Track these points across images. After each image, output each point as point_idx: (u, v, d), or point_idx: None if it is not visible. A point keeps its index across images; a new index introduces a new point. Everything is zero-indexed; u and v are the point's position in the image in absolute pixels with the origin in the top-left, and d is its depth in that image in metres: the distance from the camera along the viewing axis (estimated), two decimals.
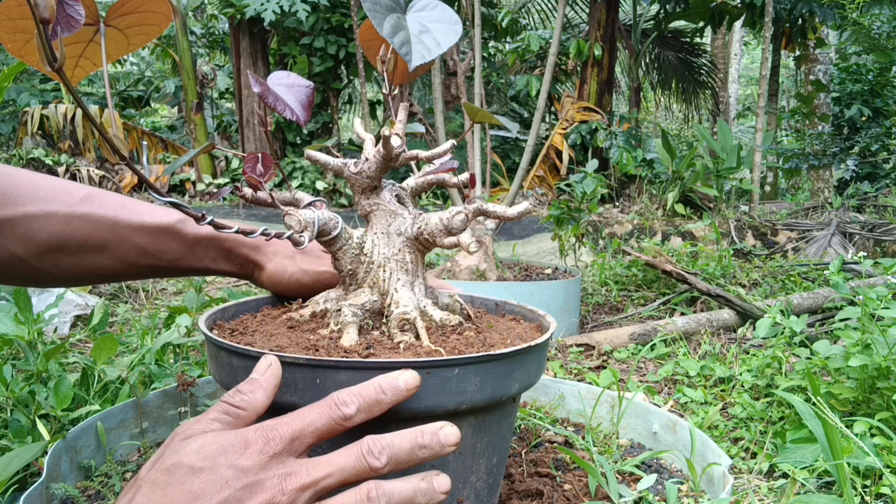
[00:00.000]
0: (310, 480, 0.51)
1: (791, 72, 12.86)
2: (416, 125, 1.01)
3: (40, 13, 0.46)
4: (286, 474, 0.51)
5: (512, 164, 9.72)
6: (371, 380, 0.56)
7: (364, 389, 0.56)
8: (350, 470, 0.53)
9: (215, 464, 0.50)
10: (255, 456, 0.51)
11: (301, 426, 0.53)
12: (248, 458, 0.51)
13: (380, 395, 0.56)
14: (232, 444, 0.51)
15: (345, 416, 0.54)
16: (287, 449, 0.52)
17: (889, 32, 6.77)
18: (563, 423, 1.14)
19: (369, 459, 0.53)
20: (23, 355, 1.24)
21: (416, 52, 0.72)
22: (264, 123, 0.63)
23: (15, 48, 0.76)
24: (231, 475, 0.50)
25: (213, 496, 0.49)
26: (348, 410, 0.54)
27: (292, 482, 0.51)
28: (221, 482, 0.49)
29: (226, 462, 0.50)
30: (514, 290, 1.97)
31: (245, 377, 0.63)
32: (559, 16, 2.82)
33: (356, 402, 0.55)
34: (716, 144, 5.29)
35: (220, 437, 0.52)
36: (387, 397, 0.56)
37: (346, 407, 0.54)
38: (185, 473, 0.49)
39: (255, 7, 8.34)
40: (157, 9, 0.79)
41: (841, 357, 1.30)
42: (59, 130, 9.11)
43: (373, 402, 0.55)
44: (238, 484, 0.49)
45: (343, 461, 0.53)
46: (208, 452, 0.50)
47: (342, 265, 0.73)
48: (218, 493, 0.49)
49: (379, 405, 0.56)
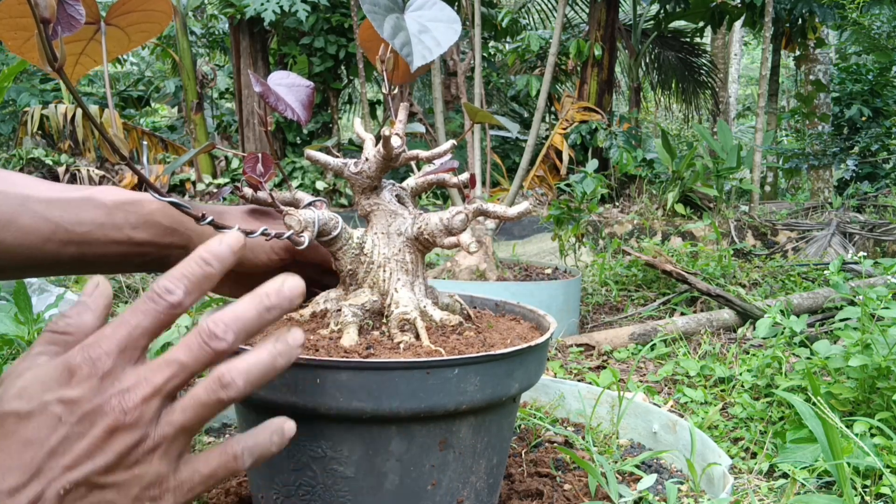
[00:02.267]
0: (151, 389, 0.47)
1: (791, 72, 12.85)
2: (416, 125, 1.01)
3: (41, 13, 0.46)
4: (123, 391, 0.46)
5: (512, 164, 9.71)
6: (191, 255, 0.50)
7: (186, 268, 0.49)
8: (193, 363, 0.48)
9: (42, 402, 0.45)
10: (83, 382, 0.46)
11: (126, 332, 0.48)
12: (75, 386, 0.46)
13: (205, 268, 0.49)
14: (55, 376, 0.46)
15: (172, 304, 0.48)
16: (119, 363, 0.47)
17: (889, 32, 6.77)
18: (563, 423, 1.14)
19: (213, 343, 0.48)
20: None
21: (417, 52, 0.72)
22: (264, 123, 0.63)
23: (15, 46, 0.76)
24: (62, 410, 0.45)
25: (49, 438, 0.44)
26: (174, 297, 0.48)
27: (132, 397, 0.46)
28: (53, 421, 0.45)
29: (53, 398, 0.45)
30: (514, 290, 1.97)
31: None
32: (559, 16, 2.82)
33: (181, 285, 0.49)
34: (716, 144, 5.29)
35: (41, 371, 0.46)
36: (214, 268, 0.50)
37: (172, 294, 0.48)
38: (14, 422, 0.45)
39: (255, 7, 8.33)
40: (158, 7, 0.79)
41: (841, 357, 1.30)
42: (59, 130, 9.11)
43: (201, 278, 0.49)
44: (73, 418, 0.45)
45: (182, 355, 0.48)
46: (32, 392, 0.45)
47: (342, 265, 0.73)
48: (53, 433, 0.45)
49: (209, 279, 0.50)
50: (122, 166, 8.16)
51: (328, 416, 0.60)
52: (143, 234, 0.74)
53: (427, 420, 0.62)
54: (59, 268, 0.75)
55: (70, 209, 0.72)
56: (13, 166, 8.61)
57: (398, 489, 0.64)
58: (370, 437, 0.62)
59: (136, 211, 0.73)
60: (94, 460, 0.45)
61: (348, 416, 0.60)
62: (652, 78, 10.95)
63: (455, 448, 0.65)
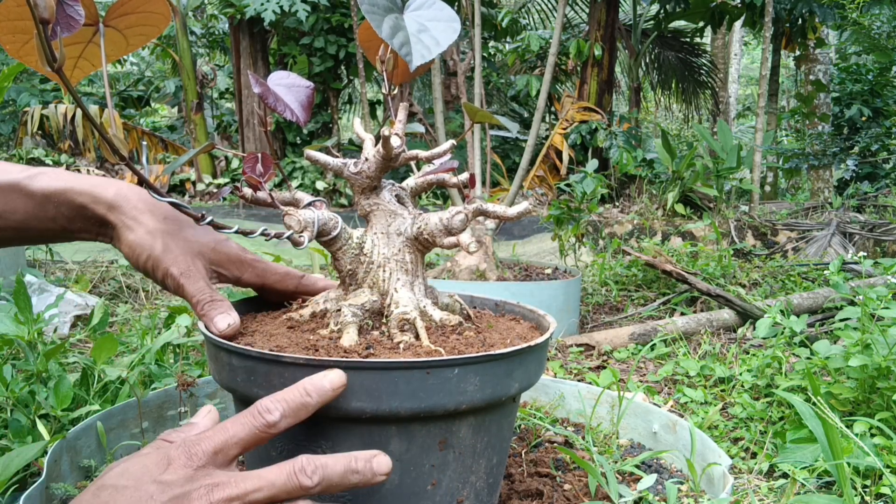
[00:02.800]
0: (238, 492, 0.51)
1: (791, 72, 12.85)
2: (416, 125, 1.01)
3: (40, 14, 0.46)
4: (213, 485, 0.51)
5: (512, 164, 9.71)
6: (296, 383, 0.56)
7: (288, 394, 0.55)
8: (280, 486, 0.52)
9: (139, 481, 0.50)
10: (179, 470, 0.51)
11: (224, 438, 0.53)
12: (171, 472, 0.51)
13: (305, 398, 0.55)
14: (155, 462, 0.51)
15: (268, 423, 0.54)
16: (211, 461, 0.52)
17: (889, 32, 6.76)
18: (563, 423, 1.14)
19: (301, 478, 0.53)
20: (23, 355, 1.24)
21: (416, 52, 0.72)
22: (264, 123, 0.63)
23: (14, 49, 0.75)
24: (155, 490, 0.50)
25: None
26: (272, 417, 0.54)
27: (220, 493, 0.51)
28: (146, 497, 0.49)
29: (149, 479, 0.50)
30: (514, 290, 1.97)
31: (245, 377, 0.63)
32: (559, 16, 2.82)
33: (280, 407, 0.55)
34: (716, 144, 5.29)
35: (143, 458, 0.52)
36: (312, 399, 0.55)
37: (270, 414, 0.54)
38: (110, 493, 0.50)
39: (255, 7, 8.33)
40: (157, 9, 0.79)
41: (841, 357, 1.30)
42: (59, 130, 9.11)
43: (298, 406, 0.55)
44: (164, 497, 0.49)
45: (274, 477, 0.52)
46: (132, 473, 0.51)
47: (342, 265, 0.73)
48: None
49: (305, 408, 0.55)
50: (121, 166, 8.16)
51: (328, 415, 0.60)
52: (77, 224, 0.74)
53: (427, 420, 0.62)
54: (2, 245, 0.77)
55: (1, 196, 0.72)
56: None
57: (398, 489, 0.64)
58: (370, 436, 0.62)
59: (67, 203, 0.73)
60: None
61: (348, 416, 0.60)
62: (652, 78, 10.94)
63: (455, 448, 0.65)
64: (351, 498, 0.63)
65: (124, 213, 0.73)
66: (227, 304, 0.69)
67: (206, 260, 0.75)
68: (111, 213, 0.73)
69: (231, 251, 0.77)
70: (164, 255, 0.71)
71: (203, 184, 9.32)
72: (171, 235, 0.73)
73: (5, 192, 0.72)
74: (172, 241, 0.72)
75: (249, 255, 0.79)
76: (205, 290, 0.70)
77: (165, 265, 0.71)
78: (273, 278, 0.80)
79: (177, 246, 0.72)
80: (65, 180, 0.73)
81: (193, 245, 0.74)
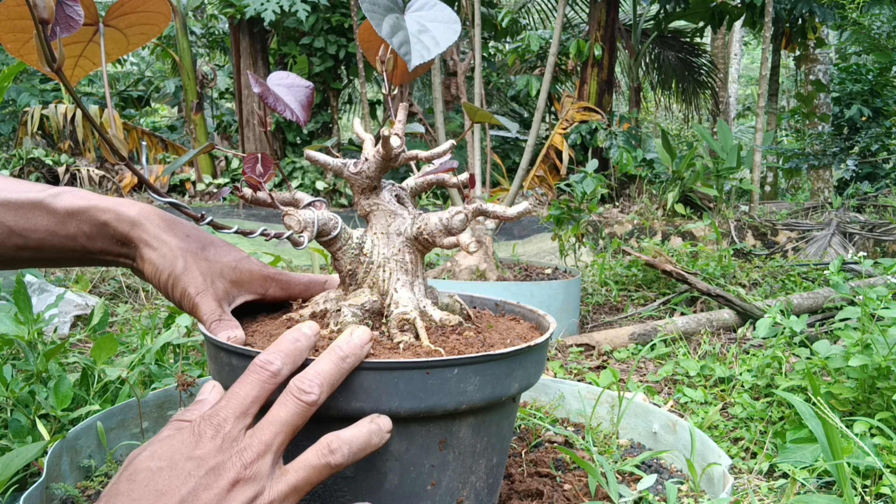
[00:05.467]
0: (263, 446, 0.54)
1: (791, 72, 12.85)
2: (416, 125, 1.01)
3: (39, 13, 0.46)
4: (242, 449, 0.53)
5: (512, 164, 9.71)
6: (283, 334, 0.60)
7: (281, 345, 0.59)
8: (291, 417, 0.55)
9: (172, 460, 0.51)
10: (209, 443, 0.53)
11: (240, 401, 0.55)
12: (203, 446, 0.52)
13: (296, 343, 0.59)
14: (184, 441, 0.53)
15: (273, 373, 0.57)
16: (236, 426, 0.54)
17: (889, 32, 6.77)
18: (563, 423, 1.14)
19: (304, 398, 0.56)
20: (23, 355, 1.24)
21: (416, 51, 0.72)
22: (264, 124, 0.63)
23: (14, 48, 0.75)
24: (192, 466, 0.51)
25: (180, 489, 0.50)
26: (274, 367, 0.57)
27: (249, 453, 0.53)
28: (184, 474, 0.51)
29: (182, 456, 0.52)
30: (514, 290, 1.97)
31: None
32: (559, 16, 2.82)
33: (279, 357, 0.58)
34: (716, 144, 5.29)
35: (169, 440, 0.53)
36: (302, 343, 0.59)
37: (272, 365, 0.57)
38: (147, 475, 0.51)
39: (255, 7, 8.34)
40: (157, 8, 0.79)
41: (841, 357, 1.30)
42: (59, 130, 9.11)
43: (293, 352, 0.59)
44: (201, 472, 0.51)
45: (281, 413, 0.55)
46: (163, 453, 0.52)
47: (342, 265, 0.73)
48: (184, 484, 0.50)
49: (299, 352, 0.59)
50: (121, 166, 8.17)
51: (328, 416, 0.60)
52: (98, 244, 0.74)
53: (427, 420, 0.62)
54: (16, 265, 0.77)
55: (21, 214, 0.72)
56: (13, 166, 8.61)
57: (398, 489, 0.64)
58: None
59: (89, 221, 0.73)
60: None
61: (348, 416, 0.60)
62: (652, 78, 10.95)
63: (455, 448, 0.65)
64: (351, 497, 0.63)
65: (147, 231, 0.73)
66: (234, 322, 0.70)
67: (226, 280, 0.75)
68: (134, 231, 0.73)
69: (252, 268, 0.78)
70: (183, 275, 0.71)
71: (203, 184, 9.32)
72: (192, 255, 0.73)
73: (27, 210, 0.72)
74: (194, 260, 0.73)
75: (271, 270, 0.80)
76: (215, 311, 0.71)
77: (184, 284, 0.71)
78: (298, 289, 0.81)
79: (197, 266, 0.73)
80: (88, 199, 0.73)
81: (214, 266, 0.74)
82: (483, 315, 0.84)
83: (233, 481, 0.52)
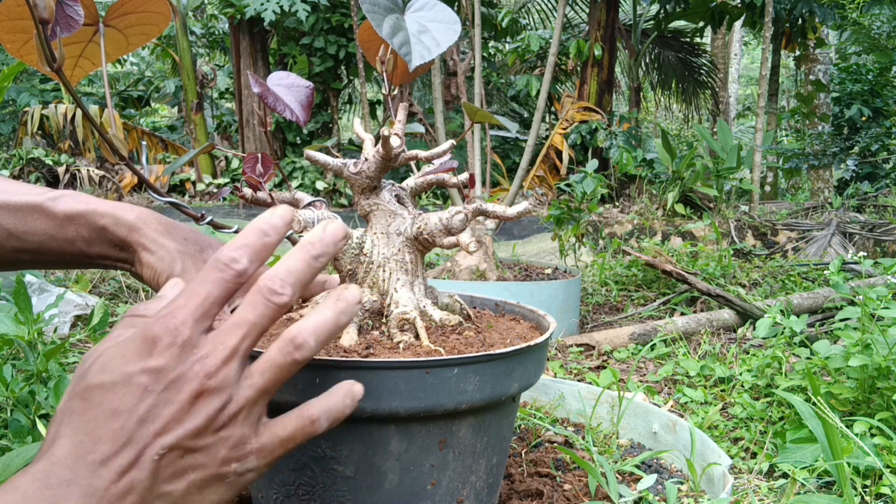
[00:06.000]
0: (228, 351, 0.48)
1: (791, 72, 12.85)
2: (416, 125, 1.01)
3: (39, 13, 0.46)
4: (204, 357, 0.48)
5: (512, 164, 9.72)
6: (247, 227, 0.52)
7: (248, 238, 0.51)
8: (260, 319, 0.50)
9: (126, 373, 0.46)
10: (165, 351, 0.47)
11: (200, 301, 0.49)
12: (158, 356, 0.47)
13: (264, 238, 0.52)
14: (136, 348, 0.47)
15: (238, 272, 0.50)
16: (195, 331, 0.48)
17: (889, 32, 6.77)
18: (563, 423, 1.14)
19: (274, 299, 0.50)
20: (23, 355, 1.24)
21: (416, 52, 0.72)
22: (264, 124, 0.63)
23: (14, 48, 0.76)
24: (148, 380, 0.46)
25: (137, 407, 0.46)
26: (240, 266, 0.50)
27: (212, 361, 0.48)
28: (140, 390, 0.46)
29: (136, 368, 0.46)
30: (514, 290, 1.97)
31: None
32: (559, 16, 2.82)
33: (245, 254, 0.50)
34: (716, 144, 5.29)
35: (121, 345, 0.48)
36: (271, 237, 0.52)
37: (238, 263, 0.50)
38: (99, 394, 0.46)
39: (255, 7, 8.34)
40: (157, 9, 0.79)
41: (841, 357, 1.30)
42: (59, 130, 9.12)
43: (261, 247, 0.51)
44: (159, 386, 0.46)
45: (249, 315, 0.50)
46: (114, 365, 0.47)
47: (342, 265, 0.73)
48: (141, 402, 0.46)
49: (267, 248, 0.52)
50: (121, 166, 8.17)
51: None
52: (96, 248, 0.74)
53: (426, 420, 0.62)
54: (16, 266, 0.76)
55: (20, 217, 0.72)
56: (13, 166, 8.62)
57: (398, 489, 0.64)
58: (370, 436, 0.62)
59: (88, 225, 0.72)
60: (184, 425, 0.46)
61: (348, 416, 0.60)
62: (652, 78, 10.95)
63: (455, 448, 0.65)
64: (351, 497, 0.63)
65: (145, 235, 0.73)
66: None
67: None
68: (132, 235, 0.72)
69: None
70: (181, 277, 0.70)
71: (203, 184, 9.33)
72: (191, 257, 0.73)
73: (26, 213, 0.72)
74: (192, 262, 0.72)
75: None
76: None
77: None
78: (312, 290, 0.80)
79: (196, 268, 0.72)
80: (86, 203, 0.73)
81: None
82: (483, 315, 0.84)
83: (196, 393, 0.47)
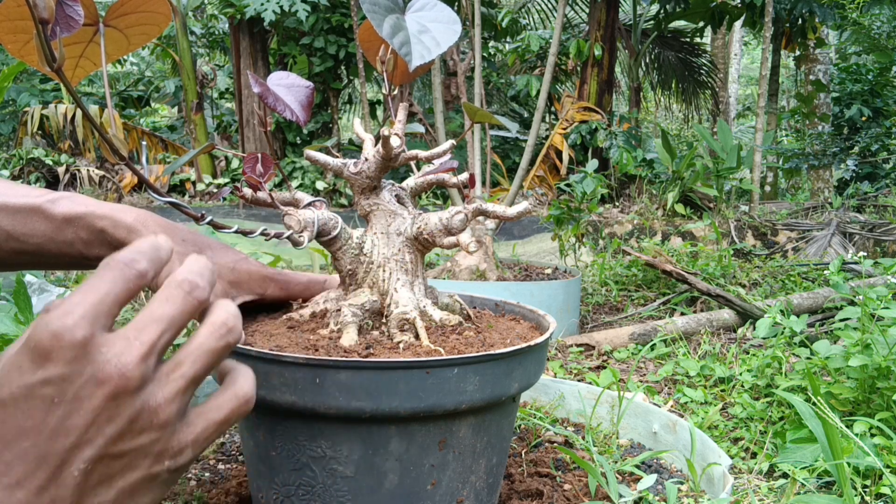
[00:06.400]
0: (146, 347, 0.44)
1: (791, 72, 12.85)
2: (416, 125, 1.01)
3: (39, 14, 0.46)
4: (117, 355, 0.43)
5: (512, 164, 9.71)
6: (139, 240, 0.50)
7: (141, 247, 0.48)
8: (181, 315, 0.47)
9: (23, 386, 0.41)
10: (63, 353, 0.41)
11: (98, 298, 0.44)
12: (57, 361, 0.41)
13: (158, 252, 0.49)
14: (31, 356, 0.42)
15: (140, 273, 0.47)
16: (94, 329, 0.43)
17: (889, 32, 6.77)
18: (563, 423, 1.14)
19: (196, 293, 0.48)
20: None
21: (416, 52, 0.72)
22: (264, 124, 0.63)
23: (15, 48, 0.76)
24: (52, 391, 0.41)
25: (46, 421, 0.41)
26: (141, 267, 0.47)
27: (128, 359, 0.43)
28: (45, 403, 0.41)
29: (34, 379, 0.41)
30: (514, 290, 1.97)
31: None
32: (559, 16, 2.82)
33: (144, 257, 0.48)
34: (716, 144, 5.29)
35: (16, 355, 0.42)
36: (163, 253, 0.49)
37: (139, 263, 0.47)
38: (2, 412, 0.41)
39: (255, 7, 8.34)
40: (157, 9, 0.79)
41: (841, 357, 1.30)
42: (59, 130, 9.12)
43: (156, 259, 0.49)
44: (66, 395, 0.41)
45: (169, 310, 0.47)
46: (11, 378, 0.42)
47: (342, 265, 0.73)
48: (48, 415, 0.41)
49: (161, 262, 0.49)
50: (121, 166, 8.17)
51: (328, 415, 0.60)
52: (95, 250, 0.73)
53: (426, 420, 0.63)
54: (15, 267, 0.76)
55: (19, 218, 0.72)
56: (13, 166, 8.62)
57: (398, 489, 0.64)
58: (370, 436, 0.62)
59: (87, 227, 0.72)
60: (103, 432, 0.42)
61: (348, 416, 0.60)
62: (652, 78, 10.95)
63: (455, 448, 0.65)
64: (351, 497, 0.63)
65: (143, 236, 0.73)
66: None
67: (224, 281, 0.75)
68: (131, 237, 0.72)
69: (251, 269, 0.78)
70: None
71: (203, 184, 9.33)
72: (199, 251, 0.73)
73: (25, 215, 0.72)
74: None
75: (270, 271, 0.79)
76: None
77: None
78: (297, 289, 0.81)
79: None
80: (85, 205, 0.73)
81: None
82: (483, 315, 0.84)
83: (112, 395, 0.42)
